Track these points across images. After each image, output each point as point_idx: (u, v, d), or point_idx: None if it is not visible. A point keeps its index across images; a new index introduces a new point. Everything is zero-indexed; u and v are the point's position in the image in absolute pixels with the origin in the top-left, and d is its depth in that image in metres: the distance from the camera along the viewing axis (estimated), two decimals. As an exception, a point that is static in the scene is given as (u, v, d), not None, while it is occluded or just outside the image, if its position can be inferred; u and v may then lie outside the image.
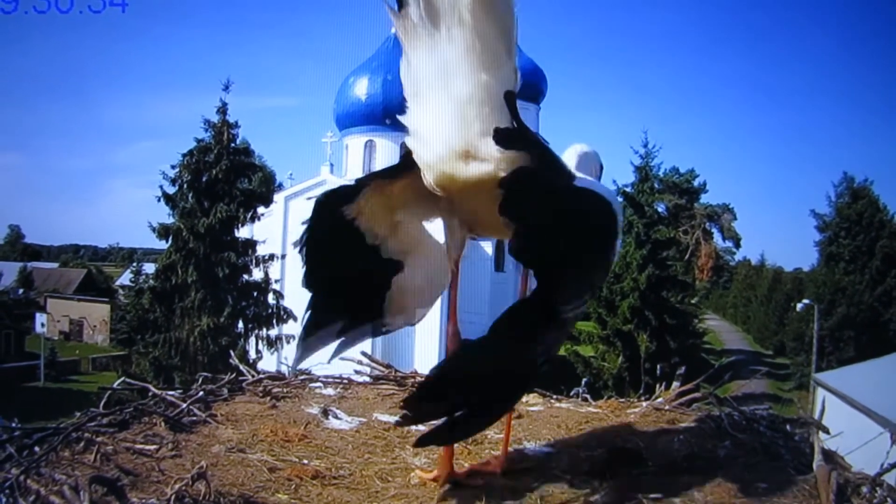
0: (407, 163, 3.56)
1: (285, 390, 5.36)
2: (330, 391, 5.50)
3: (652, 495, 3.52)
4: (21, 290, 52.85)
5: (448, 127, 3.32)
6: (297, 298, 28.30)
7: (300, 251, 4.03)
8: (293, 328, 26.63)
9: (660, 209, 39.34)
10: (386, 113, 31.33)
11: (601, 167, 4.29)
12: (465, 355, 3.50)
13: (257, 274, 27.18)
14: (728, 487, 3.64)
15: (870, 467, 3.85)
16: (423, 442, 3.40)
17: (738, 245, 54.98)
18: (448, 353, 3.66)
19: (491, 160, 3.28)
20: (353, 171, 33.71)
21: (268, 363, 24.33)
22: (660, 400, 5.30)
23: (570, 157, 4.06)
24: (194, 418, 4.48)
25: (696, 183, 47.33)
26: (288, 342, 26.38)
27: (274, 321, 27.03)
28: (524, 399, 5.09)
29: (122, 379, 5.37)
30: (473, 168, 3.32)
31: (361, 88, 34.22)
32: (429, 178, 3.46)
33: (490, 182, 3.30)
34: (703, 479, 3.73)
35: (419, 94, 3.37)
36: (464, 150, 3.28)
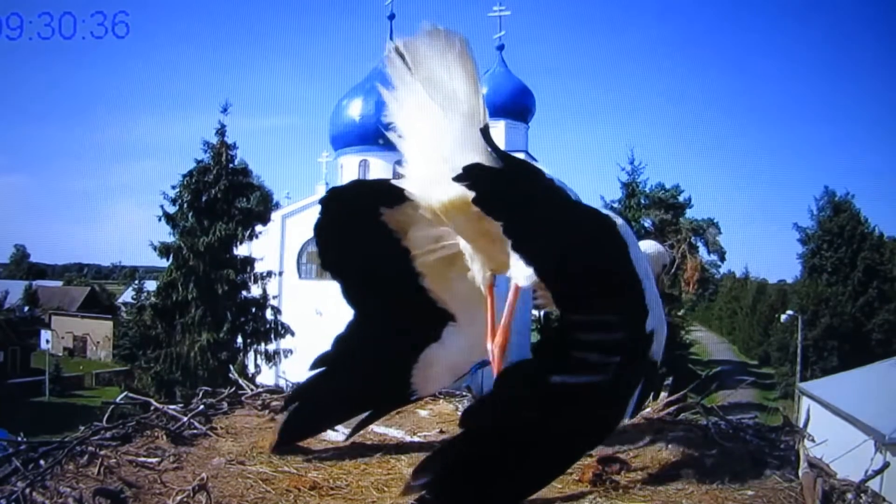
0: None
1: (283, 403, 5.43)
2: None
3: (641, 503, 3.60)
4: (27, 308, 52.80)
5: (426, 159, 3.61)
6: (293, 314, 28.39)
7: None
8: (290, 343, 26.71)
9: (646, 224, 39.57)
10: (379, 133, 31.40)
11: (665, 265, 4.32)
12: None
13: (255, 290, 27.32)
14: (716, 495, 3.71)
15: (854, 474, 3.94)
16: None
17: (722, 258, 54.81)
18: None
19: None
20: (347, 191, 33.74)
21: (266, 377, 24.42)
22: (648, 410, 5.31)
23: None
24: (195, 431, 4.55)
25: (681, 198, 47.33)
26: (286, 356, 26.48)
27: (272, 336, 27.16)
28: None
29: (125, 393, 5.42)
30: (449, 193, 3.49)
31: (356, 109, 34.32)
32: (419, 207, 3.70)
33: (462, 204, 3.45)
34: (691, 487, 3.80)
35: (403, 133, 3.66)
36: (439, 179, 3.45)
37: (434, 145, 3.54)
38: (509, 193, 3.31)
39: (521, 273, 3.42)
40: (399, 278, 4.21)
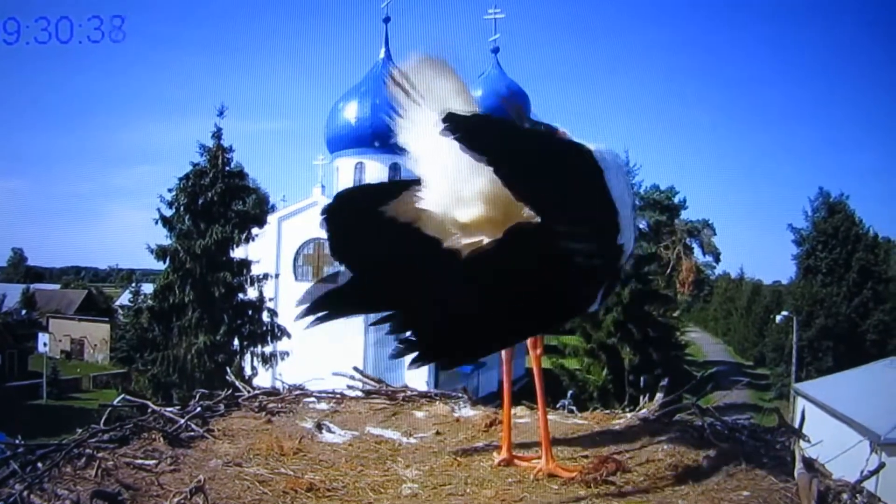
0: None
1: (280, 405, 5.44)
2: (323, 406, 5.58)
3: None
4: (24, 311, 52.65)
5: (446, 181, 3.72)
6: (290, 316, 28.44)
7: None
8: (287, 345, 26.74)
9: (641, 225, 39.70)
10: (375, 136, 31.60)
11: None
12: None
13: (252, 293, 27.34)
14: (711, 496, 3.73)
15: (850, 475, 3.94)
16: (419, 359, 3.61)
17: (717, 259, 55.05)
18: None
19: (478, 203, 3.54)
20: (343, 194, 33.83)
21: (263, 379, 24.42)
22: (644, 411, 5.36)
23: None
24: (192, 433, 4.55)
25: (676, 200, 47.51)
26: (282, 359, 26.49)
27: (268, 338, 27.18)
28: (512, 411, 4.96)
29: (122, 396, 5.44)
30: (471, 213, 3.58)
31: (351, 112, 34.41)
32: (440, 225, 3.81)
33: (485, 222, 3.65)
34: (687, 488, 3.83)
35: (419, 156, 3.80)
36: (460, 200, 3.53)
37: (452, 167, 3.58)
38: (492, 134, 3.52)
39: None
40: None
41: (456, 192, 3.64)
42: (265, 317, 27.46)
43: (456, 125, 3.36)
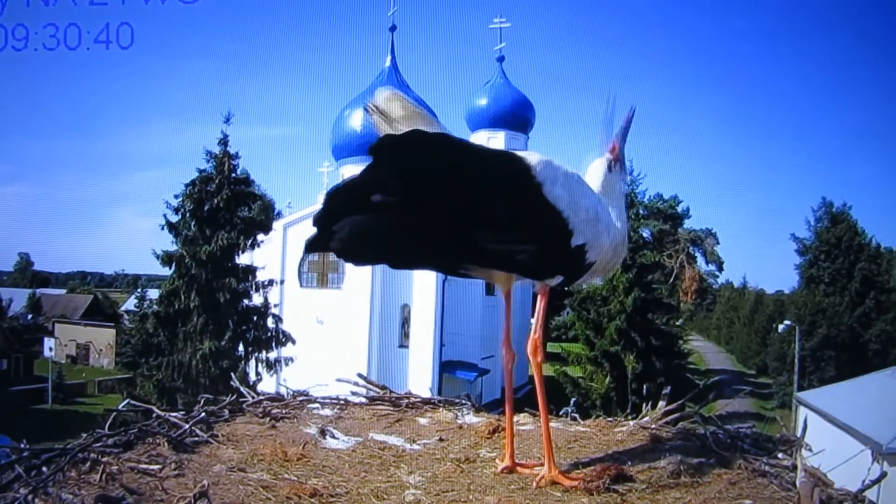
0: None
1: (284, 411, 5.45)
2: (327, 412, 5.58)
3: (640, 511, 3.64)
4: (30, 316, 52.79)
5: None
6: (295, 322, 28.48)
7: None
8: (292, 351, 26.80)
9: (645, 234, 39.84)
10: (381, 144, 31.70)
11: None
12: None
13: (257, 299, 27.43)
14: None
15: (851, 484, 3.93)
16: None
17: (720, 268, 55.04)
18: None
19: None
20: (348, 200, 33.86)
21: (267, 385, 24.48)
22: (646, 419, 5.37)
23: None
24: (196, 439, 4.56)
25: (679, 209, 47.64)
26: (287, 364, 26.56)
27: (273, 344, 27.24)
28: (515, 419, 5.02)
29: (127, 401, 5.47)
30: None
31: (356, 120, 34.53)
32: None
33: None
34: (689, 497, 3.82)
35: None
36: None
37: None
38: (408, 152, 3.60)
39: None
40: None
41: None
42: (270, 323, 27.53)
43: (381, 146, 3.62)
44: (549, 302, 4.11)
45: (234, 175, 27.51)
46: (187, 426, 4.64)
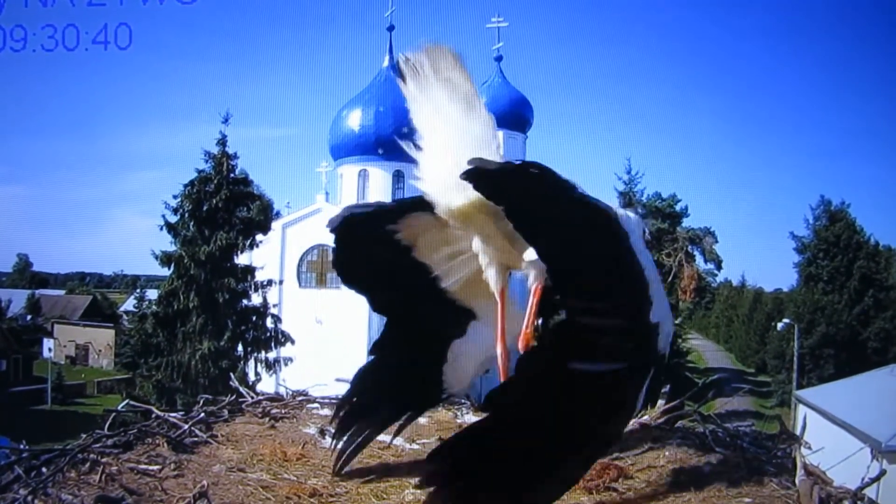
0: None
1: (283, 411, 5.46)
2: (327, 412, 5.56)
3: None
4: (29, 317, 52.68)
5: (442, 163, 3.71)
6: (294, 322, 28.44)
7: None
8: (291, 351, 26.78)
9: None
10: (378, 143, 31.71)
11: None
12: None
13: (256, 299, 27.39)
14: (713, 502, 3.75)
15: (851, 482, 3.95)
16: None
17: (719, 267, 54.78)
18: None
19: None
20: (347, 200, 33.88)
21: (267, 385, 24.43)
22: (646, 417, 5.36)
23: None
24: (196, 439, 4.57)
25: (678, 208, 47.49)
26: (286, 364, 26.54)
27: (272, 344, 27.23)
28: None
29: (127, 401, 5.47)
30: (465, 196, 3.57)
31: (355, 120, 34.41)
32: (437, 209, 3.80)
33: (484, 207, 3.55)
34: (689, 495, 3.84)
35: (420, 141, 3.83)
36: (455, 181, 3.51)
37: (453, 151, 3.62)
38: (511, 184, 3.36)
39: (539, 270, 3.64)
40: (419, 284, 4.34)
41: (455, 174, 3.63)
42: (269, 323, 27.50)
43: (479, 177, 3.28)
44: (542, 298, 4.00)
45: (232, 175, 27.48)
46: (187, 426, 4.65)
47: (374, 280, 4.50)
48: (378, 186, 33.90)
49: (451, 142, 3.71)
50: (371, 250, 4.35)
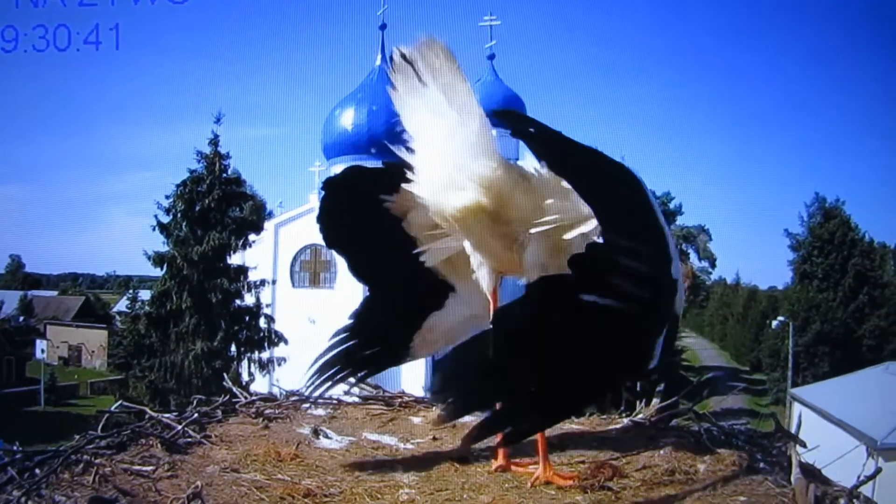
0: None
1: (277, 411, 5.43)
2: (321, 411, 5.58)
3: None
4: (22, 318, 52.51)
5: (437, 163, 3.72)
6: (287, 322, 28.43)
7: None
8: (284, 351, 26.77)
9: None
10: (371, 142, 31.68)
11: None
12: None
13: (249, 299, 27.41)
14: (708, 501, 3.74)
15: (846, 480, 3.95)
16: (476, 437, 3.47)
17: (713, 265, 55.16)
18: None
19: (473, 189, 3.52)
20: (340, 199, 33.89)
21: (260, 385, 24.41)
22: (640, 416, 5.37)
23: None
24: (189, 439, 4.54)
25: (672, 205, 47.60)
26: (279, 364, 26.52)
27: (265, 344, 27.24)
28: None
29: (120, 402, 5.45)
30: (462, 199, 3.57)
31: (347, 119, 34.41)
32: (430, 212, 3.84)
33: (481, 210, 3.51)
34: (684, 493, 3.84)
35: (413, 139, 3.78)
36: (452, 185, 3.52)
37: (447, 152, 3.60)
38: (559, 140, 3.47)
39: (536, 269, 3.63)
40: (401, 254, 4.37)
41: (450, 176, 3.63)
42: (262, 323, 27.53)
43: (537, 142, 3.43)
44: None
45: (225, 175, 27.48)
46: (180, 427, 4.62)
47: (357, 244, 4.62)
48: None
49: (445, 142, 3.67)
50: (360, 212, 4.41)
